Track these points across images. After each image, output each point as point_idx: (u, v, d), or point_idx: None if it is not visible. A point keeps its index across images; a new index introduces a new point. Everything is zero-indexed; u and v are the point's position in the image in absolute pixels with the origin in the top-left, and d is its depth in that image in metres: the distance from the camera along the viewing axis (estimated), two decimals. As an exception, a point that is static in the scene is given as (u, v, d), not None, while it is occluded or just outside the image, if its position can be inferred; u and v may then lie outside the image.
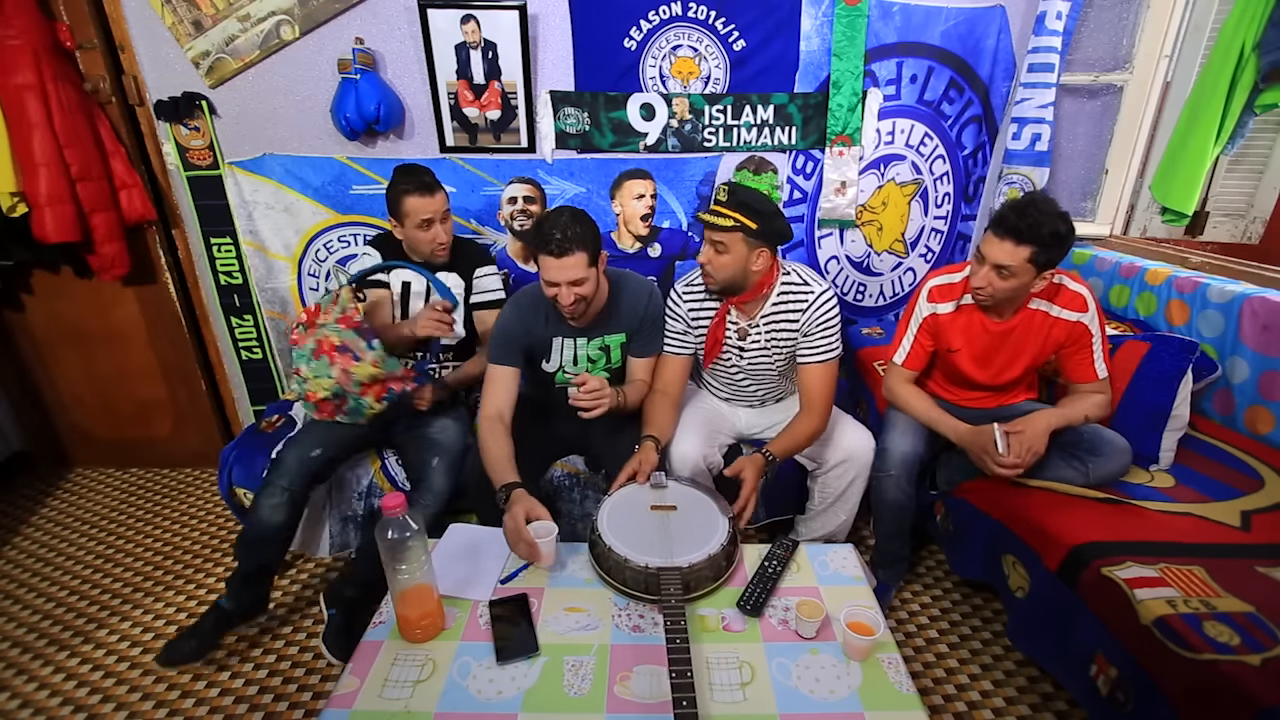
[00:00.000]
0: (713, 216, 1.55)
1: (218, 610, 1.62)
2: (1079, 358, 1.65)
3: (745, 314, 1.71)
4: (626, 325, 1.71)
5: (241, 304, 2.26)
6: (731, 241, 1.55)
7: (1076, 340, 1.63)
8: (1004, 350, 1.69)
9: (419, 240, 1.76)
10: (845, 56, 2.09)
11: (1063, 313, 1.61)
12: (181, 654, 1.57)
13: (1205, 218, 2.44)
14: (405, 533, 1.07)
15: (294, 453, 1.64)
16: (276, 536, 1.60)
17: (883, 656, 1.10)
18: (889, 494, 1.71)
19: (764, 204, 1.55)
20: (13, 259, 2.10)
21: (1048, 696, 1.56)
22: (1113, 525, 1.44)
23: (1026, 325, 1.65)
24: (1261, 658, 1.08)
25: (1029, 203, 1.49)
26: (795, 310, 1.68)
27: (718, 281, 1.62)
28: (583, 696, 1.03)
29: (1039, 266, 1.50)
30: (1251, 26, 1.85)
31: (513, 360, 1.64)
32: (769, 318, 1.70)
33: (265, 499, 1.59)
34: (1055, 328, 1.63)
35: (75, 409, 2.45)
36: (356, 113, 1.95)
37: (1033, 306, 1.63)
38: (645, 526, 1.32)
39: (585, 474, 1.82)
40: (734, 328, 1.73)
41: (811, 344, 1.68)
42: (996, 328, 1.67)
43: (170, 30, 1.92)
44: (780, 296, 1.68)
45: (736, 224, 1.53)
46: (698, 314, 1.74)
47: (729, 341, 1.74)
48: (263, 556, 1.62)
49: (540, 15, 1.98)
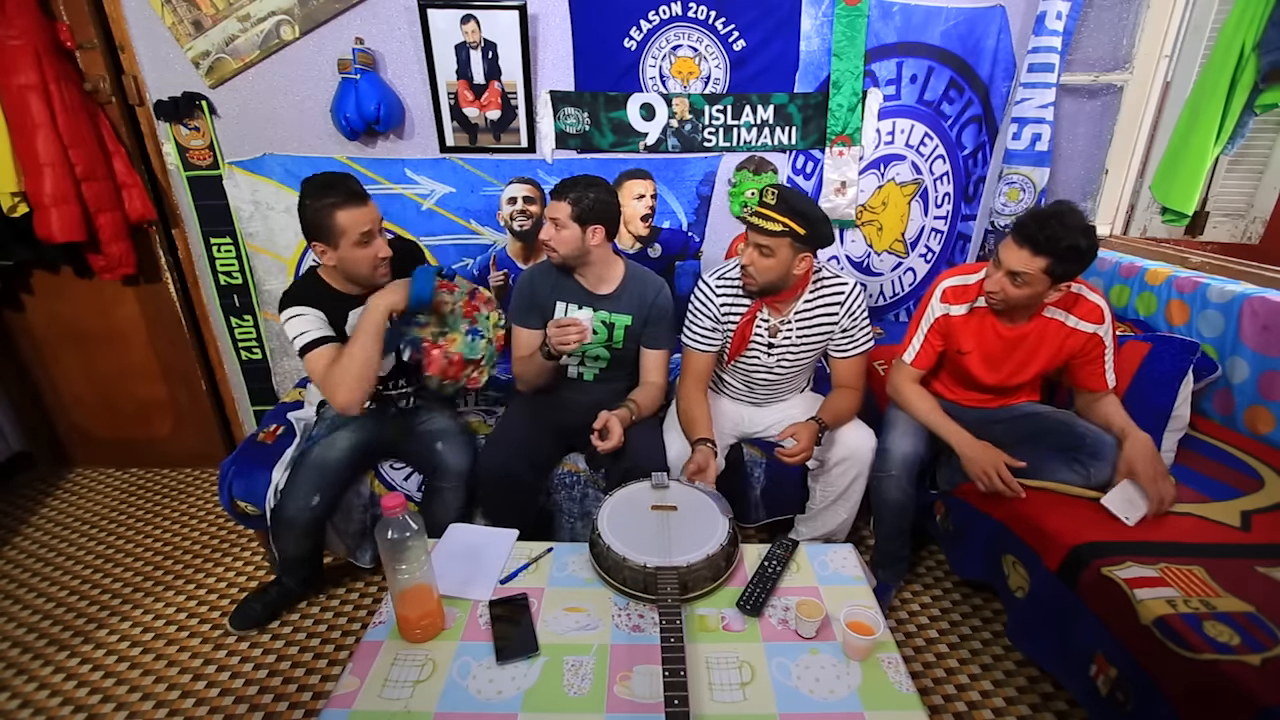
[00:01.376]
0: (761, 220, 1.52)
1: (280, 584, 1.79)
2: (1091, 368, 1.64)
3: (777, 312, 1.71)
4: (633, 310, 1.75)
5: (241, 304, 2.27)
6: (778, 246, 1.53)
7: (1090, 352, 1.62)
8: (1016, 356, 1.68)
9: (358, 261, 1.51)
10: (845, 56, 2.09)
11: (1080, 324, 1.60)
12: (250, 617, 1.73)
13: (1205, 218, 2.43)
14: (405, 533, 1.07)
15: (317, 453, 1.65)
16: (308, 530, 1.62)
17: (883, 656, 1.10)
18: (889, 494, 1.71)
19: (813, 209, 1.53)
20: (13, 259, 2.10)
21: (1048, 696, 1.55)
22: (1113, 525, 1.44)
23: (1041, 333, 1.63)
24: (1261, 658, 1.08)
25: (1053, 214, 1.45)
26: (830, 305, 1.69)
27: (759, 284, 1.61)
28: (582, 696, 1.03)
29: (1054, 278, 1.48)
30: (1251, 26, 1.85)
31: (531, 322, 1.77)
32: (802, 314, 1.70)
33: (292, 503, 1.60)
34: (1071, 338, 1.61)
35: (75, 409, 2.45)
36: (356, 113, 1.95)
37: (1048, 315, 1.62)
38: (645, 526, 1.32)
39: (586, 473, 1.82)
40: (764, 325, 1.72)
41: (850, 338, 1.71)
42: (1009, 333, 1.65)
43: (170, 30, 1.92)
44: (813, 293, 1.69)
45: (785, 229, 1.50)
46: (729, 310, 1.72)
47: (757, 340, 1.73)
48: (300, 548, 1.66)
49: (540, 15, 1.98)
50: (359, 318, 1.53)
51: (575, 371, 1.85)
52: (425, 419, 1.79)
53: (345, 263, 1.52)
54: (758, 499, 1.92)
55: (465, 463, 1.69)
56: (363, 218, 1.49)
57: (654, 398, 1.79)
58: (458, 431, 1.76)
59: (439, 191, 2.18)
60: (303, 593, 1.84)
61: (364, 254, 1.51)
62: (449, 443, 1.71)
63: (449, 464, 1.68)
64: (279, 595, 1.79)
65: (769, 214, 1.52)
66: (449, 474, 1.67)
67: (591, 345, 1.78)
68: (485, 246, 2.26)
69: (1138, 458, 1.50)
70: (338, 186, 1.47)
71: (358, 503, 1.76)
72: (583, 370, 1.84)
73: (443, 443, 1.71)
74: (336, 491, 1.67)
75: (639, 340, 1.80)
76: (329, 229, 1.48)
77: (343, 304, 1.59)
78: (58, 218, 1.87)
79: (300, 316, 1.53)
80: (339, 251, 1.50)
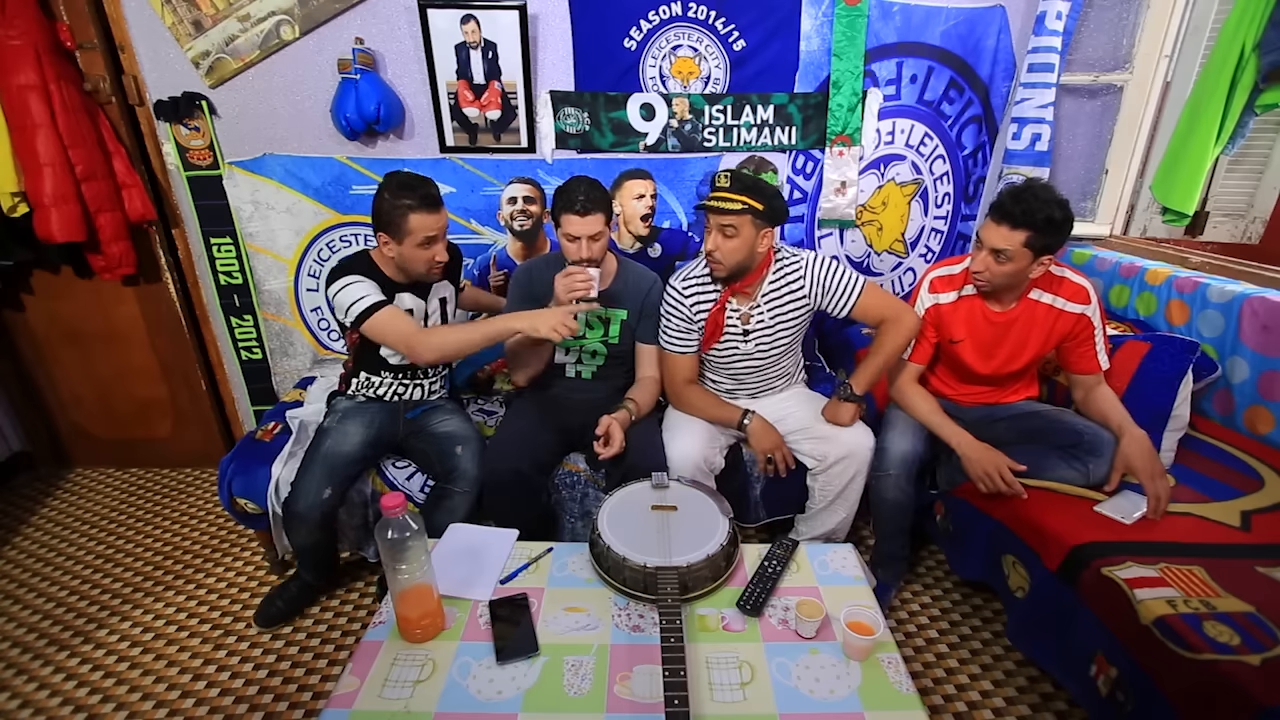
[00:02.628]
0: (721, 201, 1.57)
1: (300, 580, 1.81)
2: (1082, 350, 1.66)
3: (747, 297, 1.74)
4: (629, 304, 1.78)
5: (241, 304, 2.27)
6: (741, 224, 1.58)
7: (1080, 333, 1.65)
8: (1007, 342, 1.70)
9: (416, 259, 1.60)
10: (845, 56, 2.09)
11: (1067, 305, 1.63)
12: (273, 614, 1.75)
13: (1205, 218, 2.43)
14: (405, 533, 1.07)
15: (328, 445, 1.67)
16: (321, 523, 1.63)
17: (883, 656, 1.10)
18: (888, 494, 1.71)
19: (765, 185, 1.60)
20: (13, 259, 2.09)
21: (1048, 696, 1.55)
22: (1113, 525, 1.44)
23: (1029, 316, 1.66)
24: (1261, 658, 1.08)
25: (1026, 189, 1.52)
26: (794, 279, 1.73)
27: (726, 268, 1.65)
28: (582, 696, 1.03)
29: (1035, 251, 1.53)
30: (1251, 26, 1.85)
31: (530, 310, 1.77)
32: (769, 295, 1.74)
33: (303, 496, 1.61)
34: (1060, 320, 1.65)
35: (75, 409, 2.45)
36: (356, 113, 1.95)
37: (1034, 297, 1.65)
38: (645, 526, 1.32)
39: (587, 473, 1.82)
40: (736, 315, 1.75)
41: (840, 292, 1.72)
42: (998, 318, 1.68)
43: (170, 30, 1.92)
44: (775, 273, 1.73)
45: (746, 206, 1.56)
46: (699, 304, 1.76)
47: (731, 328, 1.76)
48: (313, 541, 1.67)
49: (540, 15, 1.98)
50: (498, 319, 1.59)
51: (574, 370, 1.85)
52: (440, 419, 1.79)
53: (404, 259, 1.60)
54: (758, 499, 1.93)
55: (479, 474, 1.69)
56: (433, 223, 1.56)
57: (652, 392, 1.81)
58: (477, 438, 1.75)
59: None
60: (321, 586, 1.86)
61: (424, 255, 1.59)
62: (469, 448, 1.71)
63: (467, 470, 1.67)
64: (299, 590, 1.81)
65: (727, 195, 1.57)
66: (464, 479, 1.66)
67: (589, 341, 1.79)
68: (485, 246, 2.26)
69: (1134, 455, 1.51)
70: (418, 189, 1.54)
71: (358, 500, 1.76)
72: (580, 369, 1.85)
73: (464, 447, 1.70)
74: (346, 485, 1.68)
75: (634, 335, 1.81)
76: (399, 226, 1.55)
77: (388, 287, 1.64)
78: (58, 218, 1.87)
79: (358, 283, 1.59)
80: (401, 248, 1.58)
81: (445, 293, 1.81)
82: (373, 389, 1.79)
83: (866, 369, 1.72)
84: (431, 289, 1.76)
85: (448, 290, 1.82)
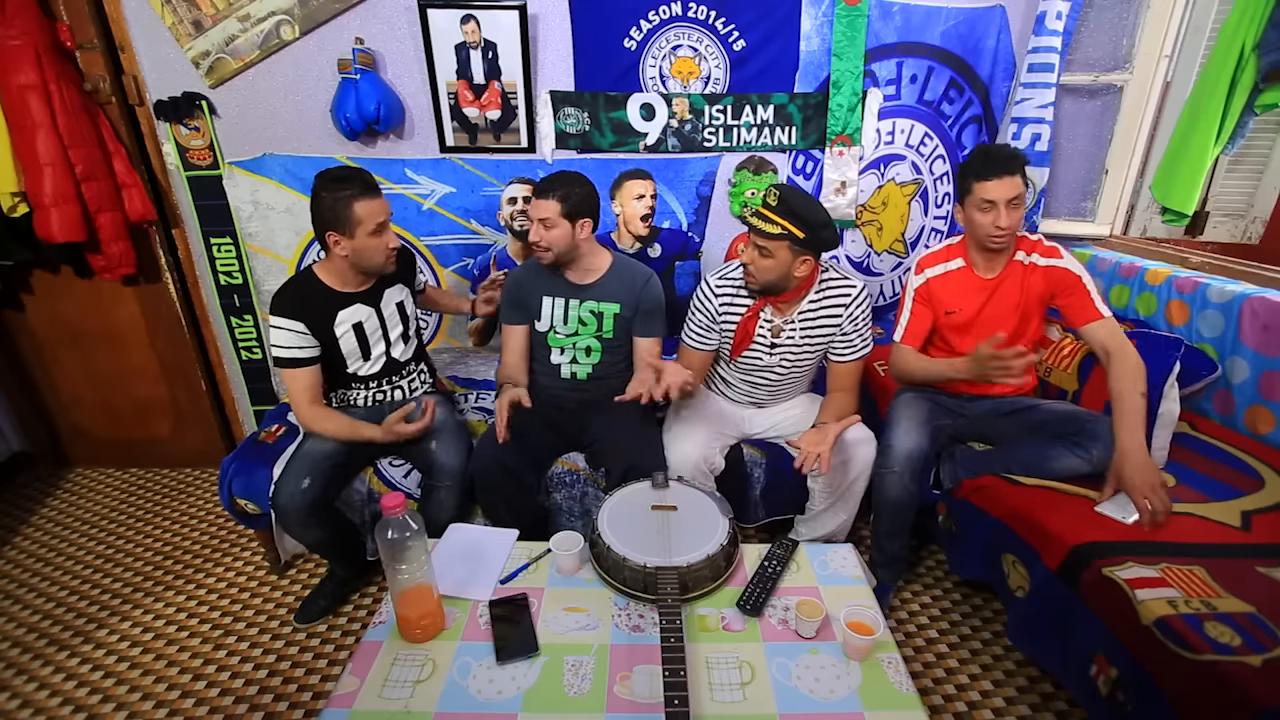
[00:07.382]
0: (760, 221, 1.53)
1: (332, 574, 1.84)
2: (1076, 300, 1.68)
3: (781, 312, 1.70)
4: (621, 298, 1.77)
5: (241, 304, 2.27)
6: (776, 248, 1.53)
7: (1068, 286, 1.69)
8: (998, 303, 1.75)
9: (373, 250, 1.57)
10: (845, 56, 2.09)
11: (1045, 260, 1.70)
12: (314, 612, 1.78)
13: (1205, 218, 2.43)
14: (405, 533, 1.07)
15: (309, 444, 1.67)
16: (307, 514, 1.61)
17: (883, 656, 1.10)
18: (891, 491, 1.70)
19: (814, 213, 1.51)
20: (13, 259, 2.09)
21: (1048, 696, 1.55)
22: (1113, 525, 1.44)
23: (1011, 276, 1.73)
24: (1262, 658, 1.08)
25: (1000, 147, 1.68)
26: (835, 307, 1.69)
27: (759, 283, 1.62)
28: (582, 696, 1.03)
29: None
30: (1251, 26, 1.85)
31: (519, 318, 1.82)
32: (806, 314, 1.69)
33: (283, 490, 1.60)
34: (1034, 274, 1.71)
35: (75, 409, 2.45)
36: (356, 113, 1.95)
37: (1018, 259, 1.73)
38: (645, 526, 1.32)
39: (586, 472, 1.82)
40: (767, 325, 1.71)
41: (849, 342, 1.71)
42: (986, 283, 1.74)
43: (170, 30, 1.92)
44: (818, 294, 1.68)
45: (784, 232, 1.50)
46: (728, 310, 1.72)
47: (760, 340, 1.73)
48: (310, 534, 1.66)
49: (540, 15, 1.98)
50: (361, 426, 1.66)
51: (569, 371, 1.84)
52: (419, 414, 1.78)
53: (359, 252, 1.57)
54: (757, 499, 1.92)
55: (460, 461, 1.69)
56: (378, 209, 1.56)
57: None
58: (454, 428, 1.75)
59: (439, 191, 2.18)
60: (352, 579, 1.87)
61: (378, 243, 1.58)
62: (443, 440, 1.70)
63: (443, 462, 1.67)
64: (335, 587, 1.83)
65: (768, 215, 1.52)
66: (444, 472, 1.66)
67: (582, 336, 1.78)
68: (485, 246, 2.26)
69: (1127, 469, 1.48)
70: (354, 179, 1.53)
71: (356, 499, 1.76)
72: (576, 369, 1.84)
73: (437, 441, 1.70)
74: (329, 477, 1.65)
75: (630, 330, 1.80)
76: (346, 219, 1.52)
77: (335, 303, 1.64)
78: (58, 218, 1.87)
79: (283, 330, 1.59)
80: (354, 241, 1.55)
81: (400, 297, 1.76)
82: (349, 402, 1.78)
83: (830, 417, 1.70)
84: (384, 297, 1.71)
85: (402, 294, 1.77)
